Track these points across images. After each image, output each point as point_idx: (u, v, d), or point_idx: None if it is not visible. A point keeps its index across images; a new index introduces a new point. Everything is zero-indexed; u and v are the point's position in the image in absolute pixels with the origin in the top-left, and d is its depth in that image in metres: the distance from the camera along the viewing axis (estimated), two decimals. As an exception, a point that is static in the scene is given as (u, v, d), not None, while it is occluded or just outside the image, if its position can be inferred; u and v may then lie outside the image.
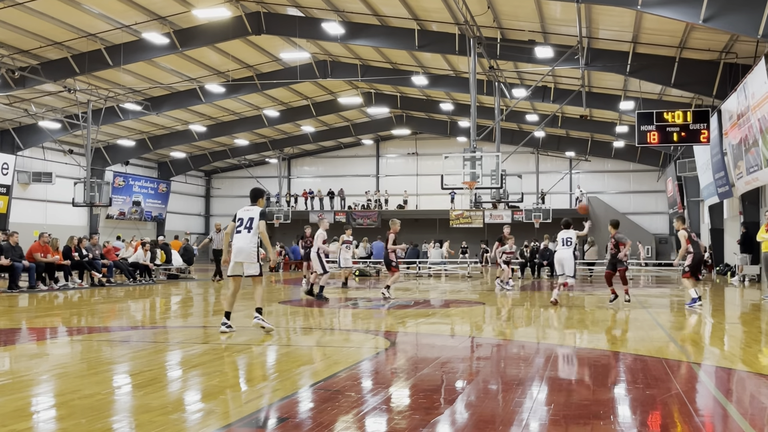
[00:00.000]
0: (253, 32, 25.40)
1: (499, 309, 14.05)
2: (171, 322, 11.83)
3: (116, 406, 5.44)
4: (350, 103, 37.13)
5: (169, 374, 6.91)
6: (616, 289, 14.74)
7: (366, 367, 7.13)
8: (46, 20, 22.95)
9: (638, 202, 45.32)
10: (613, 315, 12.61)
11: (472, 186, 22.07)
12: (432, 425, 4.69)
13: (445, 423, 4.82)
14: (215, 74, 30.53)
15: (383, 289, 16.06)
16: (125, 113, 33.63)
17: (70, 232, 25.54)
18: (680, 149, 32.41)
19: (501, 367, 7.27)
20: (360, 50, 28.81)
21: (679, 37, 21.31)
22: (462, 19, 21.02)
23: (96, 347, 8.68)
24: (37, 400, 5.69)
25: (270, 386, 6.18)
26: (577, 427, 4.74)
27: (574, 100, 28.76)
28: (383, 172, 49.91)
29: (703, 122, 21.62)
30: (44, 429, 4.71)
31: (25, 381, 6.33)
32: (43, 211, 36.55)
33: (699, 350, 8.63)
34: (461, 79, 30.02)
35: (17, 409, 5.16)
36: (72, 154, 35.60)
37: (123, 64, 26.02)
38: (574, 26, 21.04)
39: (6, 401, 5.37)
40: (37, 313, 13.09)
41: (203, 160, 47.06)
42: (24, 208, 34.87)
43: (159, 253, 24.67)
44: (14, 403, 5.35)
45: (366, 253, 33.39)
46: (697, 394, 6.02)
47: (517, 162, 41.43)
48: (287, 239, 41.04)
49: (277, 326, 10.55)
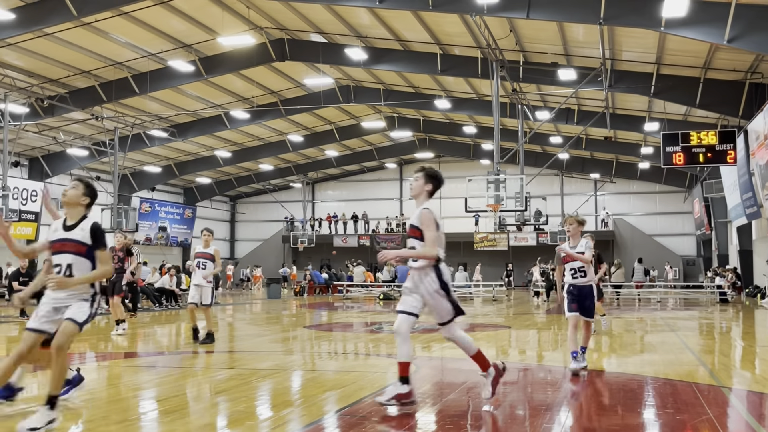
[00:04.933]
0: (277, 59, 25.67)
1: (526, 333, 13.93)
2: (197, 347, 11.87)
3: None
4: (373, 128, 37.31)
5: (195, 400, 6.92)
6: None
7: (392, 392, 7.09)
8: (74, 49, 23.39)
9: (665, 223, 44.87)
10: (641, 338, 12.45)
11: (496, 209, 22.03)
12: (459, 452, 4.65)
13: (472, 449, 4.78)
14: (240, 100, 30.86)
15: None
16: (151, 140, 34.06)
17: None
18: (707, 170, 32.14)
19: (528, 392, 7.20)
20: (383, 75, 28.99)
21: (704, 58, 21.21)
22: (484, 43, 21.10)
23: (123, 373, 8.73)
24: (65, 425, 5.72)
25: (296, 412, 6.16)
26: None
27: (598, 122, 28.66)
28: (407, 195, 49.87)
29: (729, 143, 21.41)
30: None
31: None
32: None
33: (730, 374, 8.49)
34: (484, 102, 30.06)
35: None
36: (99, 181, 36.05)
37: (149, 91, 26.40)
38: (597, 48, 21.03)
39: None
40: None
41: (228, 185, 47.42)
42: (52, 234, 35.25)
43: (184, 278, 24.81)
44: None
45: (390, 277, 33.31)
46: (728, 419, 5.92)
47: (542, 184, 41.27)
48: (313, 263, 41.12)
49: (302, 351, 10.53)
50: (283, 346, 11.81)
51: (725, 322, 17.21)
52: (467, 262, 39.28)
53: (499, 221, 33.32)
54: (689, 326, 15.45)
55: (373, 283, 33.50)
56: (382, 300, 28.26)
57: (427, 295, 5.93)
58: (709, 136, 21.67)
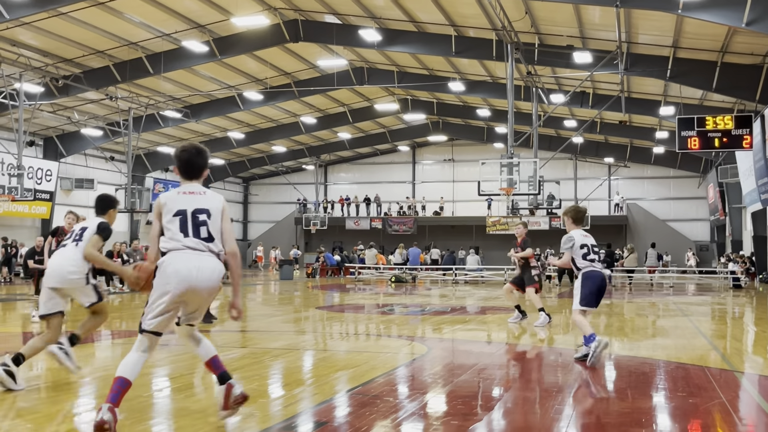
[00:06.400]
0: (291, 40, 25.60)
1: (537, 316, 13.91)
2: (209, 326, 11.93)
3: (157, 408, 5.51)
4: (387, 110, 37.21)
5: (208, 378, 6.97)
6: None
7: (403, 372, 7.12)
8: (89, 29, 23.39)
9: (678, 208, 44.62)
10: (653, 323, 12.42)
11: (509, 192, 21.97)
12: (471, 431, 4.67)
13: (484, 429, 4.79)
14: (253, 82, 30.83)
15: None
16: (165, 121, 34.12)
17: (110, 237, 25.90)
18: (722, 155, 31.89)
19: (539, 375, 7.21)
20: (397, 57, 28.87)
21: (721, 41, 20.99)
22: (499, 25, 20.96)
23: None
24: (80, 401, 5.78)
25: (308, 391, 6.20)
26: (618, 435, 4.68)
27: (613, 106, 28.46)
28: (419, 178, 49.88)
29: (745, 127, 21.18)
30: (87, 430, 4.78)
31: (68, 383, 6.43)
32: (85, 217, 37.17)
33: (742, 359, 8.46)
34: (498, 85, 29.91)
35: (62, 410, 5.25)
36: (113, 161, 36.20)
37: (163, 72, 26.42)
38: (614, 31, 20.85)
39: (50, 402, 5.47)
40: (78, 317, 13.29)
41: (241, 166, 47.49)
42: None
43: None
44: (58, 404, 5.45)
45: (402, 260, 33.37)
46: (741, 402, 5.91)
47: (555, 168, 41.12)
48: (325, 245, 41.23)
49: (314, 331, 10.59)
50: (295, 327, 11.87)
51: (738, 308, 17.14)
52: (479, 246, 39.26)
53: (511, 205, 33.17)
54: (702, 311, 15.39)
55: (385, 265, 33.54)
56: (393, 282, 28.32)
57: None
58: (725, 121, 21.44)
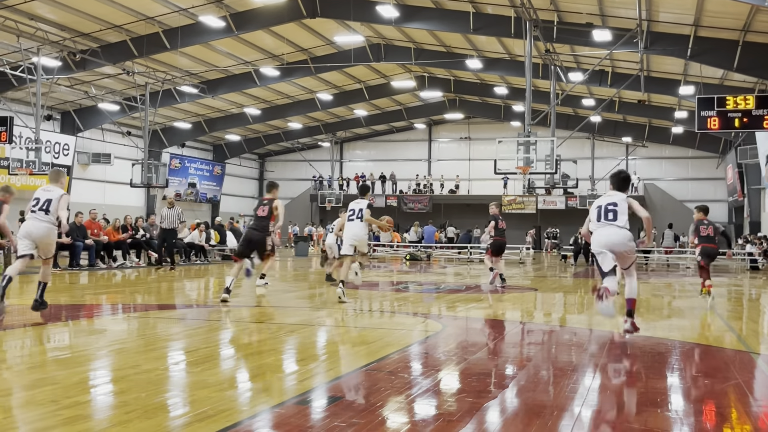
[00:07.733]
0: (308, 15, 25.47)
1: (552, 295, 13.92)
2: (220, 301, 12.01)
3: (174, 381, 5.56)
4: (403, 87, 37.02)
5: (224, 352, 7.03)
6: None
7: (417, 350, 7.15)
8: (107, 3, 23.37)
9: (696, 189, 44.23)
10: (669, 303, 12.37)
11: (525, 171, 21.85)
12: (485, 409, 4.68)
13: (497, 407, 4.81)
14: (270, 57, 30.75)
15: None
16: (182, 96, 34.13)
17: (127, 212, 26.11)
18: (741, 135, 31.54)
19: (553, 354, 7.21)
20: (414, 33, 28.68)
21: (743, 20, 20.68)
22: (518, 2, 20.75)
23: (153, 324, 8.87)
24: (97, 373, 5.85)
25: (322, 366, 6.24)
26: (633, 415, 4.68)
27: (632, 85, 28.15)
28: (435, 156, 49.71)
29: (766, 107, 20.87)
30: (105, 401, 4.84)
31: (86, 355, 6.50)
32: (102, 192, 37.42)
33: (758, 340, 8.41)
34: (516, 63, 29.66)
35: (80, 381, 5.31)
36: (130, 136, 36.32)
37: (180, 47, 26.37)
38: (634, 9, 20.58)
39: (68, 374, 5.53)
40: (96, 291, 13.43)
41: (257, 143, 47.50)
42: (84, 188, 35.73)
43: (213, 234, 25.08)
44: (76, 376, 5.51)
45: (417, 237, 33.39)
46: (756, 383, 5.89)
47: (572, 147, 40.75)
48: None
49: (329, 307, 10.63)
50: (309, 303, 11.93)
51: (755, 290, 17.05)
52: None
53: (528, 184, 33.04)
54: (718, 293, 15.27)
55: (400, 243, 33.58)
56: (408, 260, 28.36)
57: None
58: (746, 101, 21.17)
